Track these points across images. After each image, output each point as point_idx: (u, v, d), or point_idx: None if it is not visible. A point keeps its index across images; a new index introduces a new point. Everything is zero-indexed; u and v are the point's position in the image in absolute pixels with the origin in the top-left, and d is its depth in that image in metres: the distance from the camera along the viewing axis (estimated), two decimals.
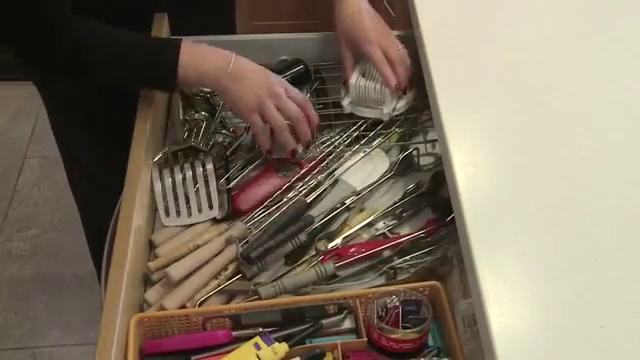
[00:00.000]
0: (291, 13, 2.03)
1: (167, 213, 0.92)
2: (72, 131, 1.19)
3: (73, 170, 1.32)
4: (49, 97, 1.15)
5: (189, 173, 0.95)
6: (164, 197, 0.92)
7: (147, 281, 0.86)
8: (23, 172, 2.03)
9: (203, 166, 0.96)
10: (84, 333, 1.65)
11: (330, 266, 0.84)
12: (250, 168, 0.98)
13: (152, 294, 0.82)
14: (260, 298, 0.79)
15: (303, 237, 0.88)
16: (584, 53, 1.00)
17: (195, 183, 0.94)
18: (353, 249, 0.88)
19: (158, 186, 0.93)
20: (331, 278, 0.85)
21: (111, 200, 1.35)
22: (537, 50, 1.00)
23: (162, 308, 0.80)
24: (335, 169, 0.97)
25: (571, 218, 0.77)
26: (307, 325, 0.77)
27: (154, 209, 0.95)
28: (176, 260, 0.84)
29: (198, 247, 0.86)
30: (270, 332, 0.76)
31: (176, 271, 0.82)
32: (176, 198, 0.92)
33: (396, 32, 1.13)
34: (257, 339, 0.74)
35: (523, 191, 0.80)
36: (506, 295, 0.69)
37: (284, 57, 1.11)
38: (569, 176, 0.82)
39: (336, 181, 0.96)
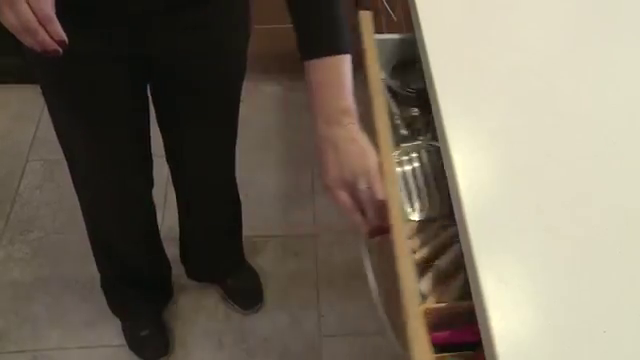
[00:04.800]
0: None
1: (412, 207, 0.94)
2: (74, 133, 1.19)
3: (76, 173, 1.32)
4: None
5: (417, 169, 0.98)
6: (408, 193, 0.95)
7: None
8: (25, 175, 2.03)
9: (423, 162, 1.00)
10: (85, 336, 1.65)
11: None
12: None
13: (424, 284, 0.83)
14: None
15: None
16: (586, 56, 1.00)
17: (425, 178, 0.97)
18: None
19: (401, 183, 0.96)
20: None
21: (113, 203, 1.36)
22: (538, 53, 1.00)
23: (440, 301, 0.80)
24: None
25: (572, 221, 0.77)
26: None
27: None
28: (437, 250, 0.86)
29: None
30: None
31: (443, 263, 0.84)
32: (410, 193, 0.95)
33: (397, 35, 1.13)
34: None
35: (524, 194, 0.80)
36: (508, 299, 0.69)
37: None
38: (570, 179, 0.81)
39: None
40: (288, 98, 2.25)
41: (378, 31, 1.08)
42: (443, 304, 0.80)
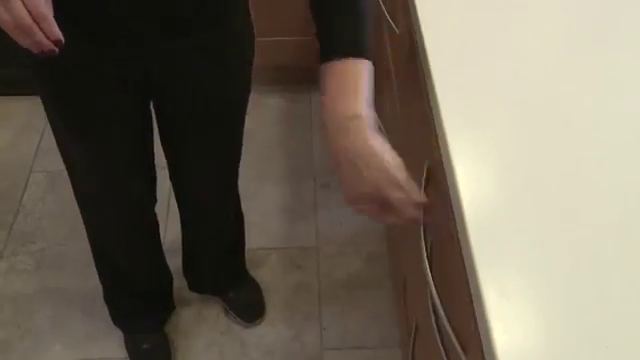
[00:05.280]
0: (294, 30, 2.04)
1: None
2: (74, 146, 1.20)
3: (77, 185, 1.32)
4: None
5: None
6: None
7: None
8: (29, 186, 2.04)
9: None
10: (87, 348, 1.65)
11: None
12: None
13: None
14: None
15: None
16: (589, 65, 1.00)
17: None
18: None
19: None
20: None
21: (115, 216, 1.36)
22: (541, 62, 1.00)
23: None
24: None
25: (576, 233, 0.76)
26: None
27: None
28: None
29: None
30: None
31: None
32: None
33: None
34: None
35: (527, 206, 0.79)
36: (510, 312, 0.68)
37: None
38: (573, 189, 0.81)
39: None
40: (290, 110, 2.26)
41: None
42: None
